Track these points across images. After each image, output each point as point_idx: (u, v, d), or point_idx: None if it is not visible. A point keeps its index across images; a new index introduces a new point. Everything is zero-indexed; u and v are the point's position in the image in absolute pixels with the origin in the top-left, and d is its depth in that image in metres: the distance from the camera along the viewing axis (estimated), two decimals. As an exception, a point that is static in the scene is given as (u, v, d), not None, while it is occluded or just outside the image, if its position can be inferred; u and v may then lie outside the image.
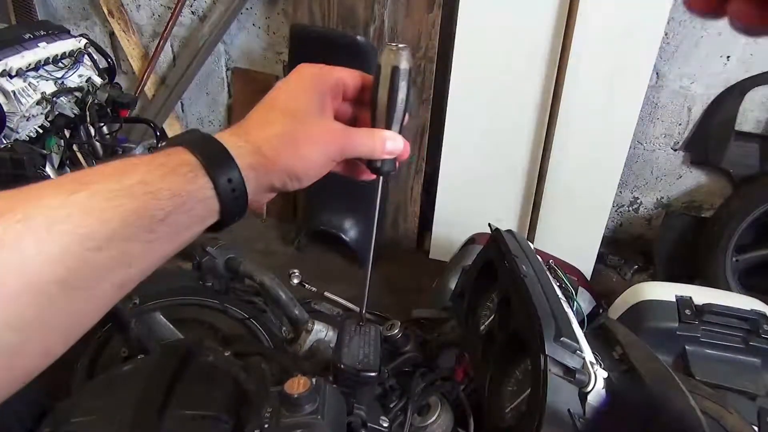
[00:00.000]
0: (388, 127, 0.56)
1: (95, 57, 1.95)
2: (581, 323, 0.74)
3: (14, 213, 0.35)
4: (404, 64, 0.54)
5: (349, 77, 0.55)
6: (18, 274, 0.34)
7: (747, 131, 2.45)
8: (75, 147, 1.92)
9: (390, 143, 0.55)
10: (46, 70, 1.77)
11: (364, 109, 0.57)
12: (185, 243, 0.44)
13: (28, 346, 0.35)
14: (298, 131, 0.49)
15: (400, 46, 0.54)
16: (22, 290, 0.34)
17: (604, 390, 0.61)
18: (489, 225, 0.90)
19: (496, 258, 0.83)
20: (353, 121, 0.57)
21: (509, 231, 0.87)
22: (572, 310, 0.75)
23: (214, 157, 0.44)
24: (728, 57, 2.35)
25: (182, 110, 3.29)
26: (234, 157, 0.45)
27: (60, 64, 1.83)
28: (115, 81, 2.00)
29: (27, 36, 1.75)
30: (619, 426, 0.60)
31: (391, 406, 0.74)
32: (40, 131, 1.79)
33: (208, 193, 0.43)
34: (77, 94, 1.83)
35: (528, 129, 2.41)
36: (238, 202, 0.46)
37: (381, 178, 0.59)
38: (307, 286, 1.16)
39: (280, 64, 2.95)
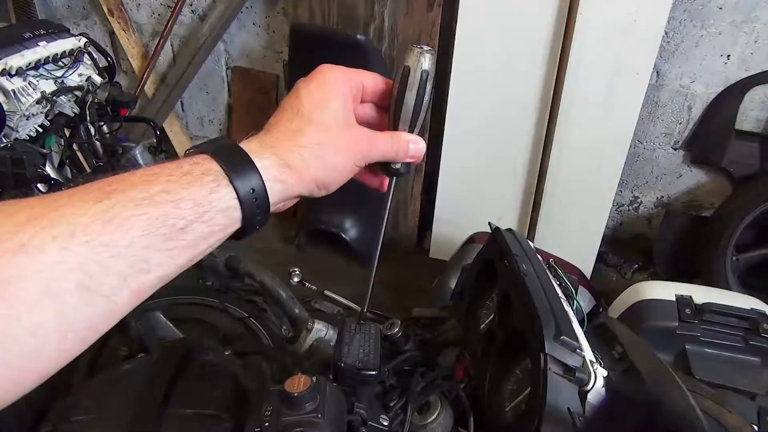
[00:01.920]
0: (412, 129, 0.56)
1: (95, 56, 1.95)
2: (581, 322, 0.74)
3: (40, 220, 0.36)
4: (432, 67, 0.54)
5: (369, 80, 0.55)
6: (40, 280, 0.35)
7: (747, 130, 2.45)
8: (75, 146, 1.92)
9: (413, 146, 0.55)
10: (46, 69, 1.77)
11: (380, 111, 0.58)
12: (206, 251, 0.44)
13: (46, 349, 0.36)
14: (326, 142, 0.50)
15: (426, 48, 0.54)
16: (43, 296, 0.35)
17: (603, 389, 0.61)
18: (489, 224, 0.90)
19: (497, 257, 0.83)
20: (369, 124, 0.58)
21: (509, 230, 0.87)
22: (572, 309, 0.75)
23: (238, 167, 0.44)
24: (728, 56, 2.35)
25: (182, 109, 3.29)
26: (259, 168, 0.45)
27: (60, 63, 1.83)
28: (115, 80, 2.00)
29: (27, 35, 1.75)
30: (618, 425, 0.60)
31: (391, 404, 0.74)
32: (40, 130, 1.79)
33: (231, 203, 0.44)
34: (77, 93, 1.83)
35: (528, 128, 2.41)
36: (260, 212, 0.46)
37: (394, 178, 0.59)
38: (307, 284, 1.17)
39: (280, 63, 2.94)
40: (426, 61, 0.54)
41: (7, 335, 0.34)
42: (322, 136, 0.49)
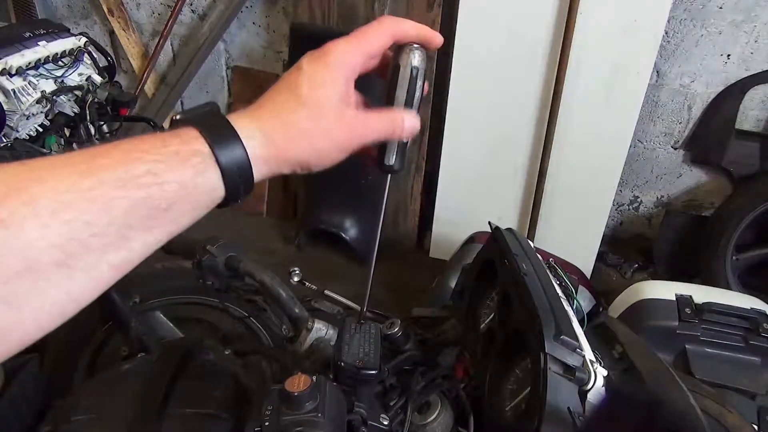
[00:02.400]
0: None
1: (95, 55, 1.95)
2: (581, 322, 0.74)
3: (21, 194, 0.35)
4: (421, 64, 0.54)
5: (376, 46, 0.52)
6: (18, 255, 0.35)
7: (747, 130, 2.45)
8: (75, 146, 1.92)
9: (408, 122, 0.54)
10: (46, 69, 1.77)
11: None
12: (186, 226, 0.45)
13: (23, 320, 0.36)
14: (317, 127, 0.49)
15: (415, 45, 0.54)
16: (21, 271, 0.35)
17: (603, 388, 0.61)
18: (489, 223, 0.90)
19: (497, 256, 0.83)
20: (377, 69, 0.56)
21: (509, 229, 0.87)
22: (572, 308, 0.75)
23: (226, 146, 0.44)
24: (728, 55, 2.35)
25: (182, 109, 3.28)
26: (246, 148, 0.45)
27: (60, 62, 1.83)
28: (115, 80, 1.99)
29: (27, 35, 1.75)
30: (618, 424, 0.60)
31: (392, 404, 0.74)
32: (40, 130, 1.79)
33: (216, 184, 0.44)
34: (77, 92, 1.83)
35: (528, 128, 2.41)
36: (244, 189, 0.46)
37: (389, 176, 0.59)
38: (307, 284, 1.16)
39: (280, 62, 2.94)
40: (415, 58, 0.54)
41: None
42: (315, 122, 0.49)
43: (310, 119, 0.49)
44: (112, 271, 0.40)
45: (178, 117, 0.46)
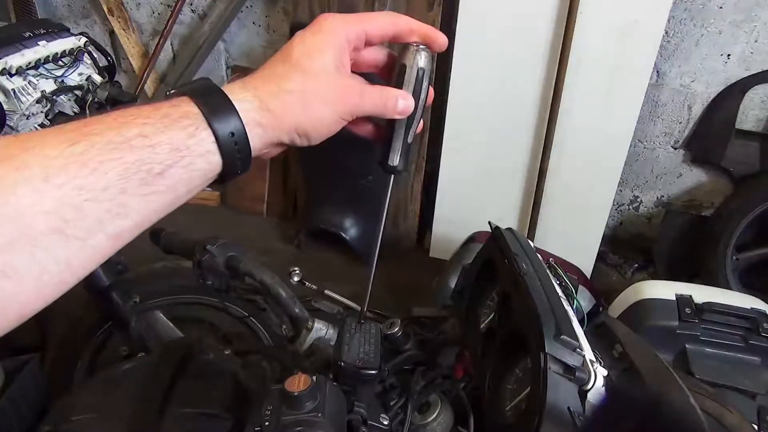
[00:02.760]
0: (408, 127, 0.56)
1: (95, 55, 1.94)
2: (581, 321, 0.74)
3: (12, 161, 0.35)
4: (427, 65, 0.54)
5: (375, 27, 0.52)
6: (13, 222, 0.34)
7: (747, 129, 2.45)
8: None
9: (401, 102, 0.54)
10: (46, 69, 1.77)
11: (390, 54, 0.57)
12: (186, 196, 0.44)
13: (21, 291, 0.36)
14: (310, 89, 0.48)
15: (421, 46, 0.54)
16: (17, 238, 0.34)
17: (603, 388, 0.61)
18: (489, 223, 0.90)
19: (496, 256, 0.83)
20: (378, 67, 0.56)
21: (509, 229, 0.87)
22: (572, 308, 0.75)
23: (217, 110, 0.43)
24: (728, 55, 2.35)
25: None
26: (239, 111, 0.44)
27: (60, 62, 1.83)
28: (115, 79, 1.99)
29: (27, 34, 1.75)
30: (618, 424, 0.60)
31: (392, 404, 0.74)
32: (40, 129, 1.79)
33: (209, 147, 0.43)
34: (77, 92, 1.83)
35: (528, 127, 2.41)
36: (240, 156, 0.45)
37: (392, 176, 0.59)
38: (307, 284, 1.16)
39: (280, 62, 2.95)
40: (422, 59, 0.54)
41: None
42: (308, 84, 0.48)
43: (304, 83, 0.48)
44: (109, 240, 0.39)
45: (172, 91, 0.46)
